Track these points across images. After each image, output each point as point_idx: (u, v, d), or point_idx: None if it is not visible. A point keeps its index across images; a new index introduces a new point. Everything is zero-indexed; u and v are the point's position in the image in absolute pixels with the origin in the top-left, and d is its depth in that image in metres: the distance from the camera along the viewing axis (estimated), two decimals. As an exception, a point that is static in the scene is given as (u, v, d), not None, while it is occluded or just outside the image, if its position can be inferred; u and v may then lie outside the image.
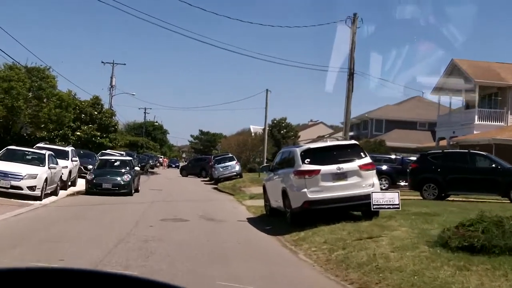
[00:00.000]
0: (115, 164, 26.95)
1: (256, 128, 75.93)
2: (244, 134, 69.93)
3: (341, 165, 14.03)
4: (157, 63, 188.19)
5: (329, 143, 14.92)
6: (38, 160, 21.12)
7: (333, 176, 14.00)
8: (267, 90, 54.92)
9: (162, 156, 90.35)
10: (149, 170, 63.42)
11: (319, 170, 13.91)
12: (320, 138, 77.82)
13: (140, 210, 19.18)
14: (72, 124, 45.07)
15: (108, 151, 44.53)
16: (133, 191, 25.16)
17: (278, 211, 16.50)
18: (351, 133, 72.77)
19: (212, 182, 41.65)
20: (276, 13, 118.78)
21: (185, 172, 54.20)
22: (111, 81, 63.25)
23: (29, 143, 31.87)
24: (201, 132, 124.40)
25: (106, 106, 57.44)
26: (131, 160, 27.58)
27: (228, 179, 38.64)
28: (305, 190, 13.86)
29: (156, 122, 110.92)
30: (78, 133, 44.99)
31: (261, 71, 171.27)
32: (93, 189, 24.59)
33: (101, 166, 26.62)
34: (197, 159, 58.76)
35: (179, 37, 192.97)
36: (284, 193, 14.83)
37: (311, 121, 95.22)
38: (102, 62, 63.65)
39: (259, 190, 32.58)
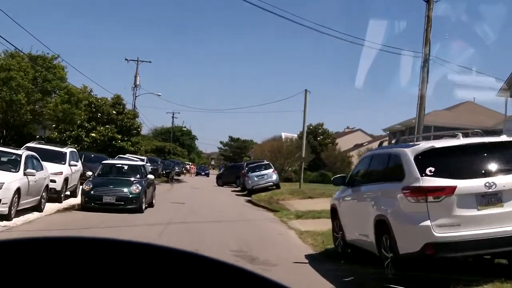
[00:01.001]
0: (123, 170, 20.83)
1: (287, 135, 69.59)
2: (276, 140, 63.62)
3: (492, 179, 7.72)
4: (185, 62, 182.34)
5: (468, 139, 8.36)
6: (11, 164, 15.17)
7: (479, 199, 7.70)
8: (306, 90, 48.49)
9: (189, 163, 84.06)
10: (175, 177, 57.57)
11: (454, 188, 7.61)
12: (397, 140, 71.07)
13: (148, 237, 12.99)
14: (86, 124, 39.40)
15: (127, 155, 38.70)
16: (144, 205, 19.07)
17: (357, 248, 10.28)
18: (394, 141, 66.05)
19: (245, 193, 35.54)
20: (310, 13, 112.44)
21: (221, 181, 48.37)
22: (135, 80, 57.64)
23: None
24: (231, 138, 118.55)
25: (129, 107, 51.82)
26: (143, 165, 21.32)
27: (264, 190, 32.50)
28: (428, 223, 7.57)
29: (185, 127, 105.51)
30: (93, 135, 39.16)
31: (295, 74, 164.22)
32: (90, 203, 18.56)
33: (104, 173, 20.55)
34: (232, 166, 52.49)
35: (209, 37, 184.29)
36: (381, 225, 8.54)
37: (347, 128, 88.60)
38: (126, 59, 58.02)
39: (304, 205, 26.48)
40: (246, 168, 36.15)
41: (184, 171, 69.14)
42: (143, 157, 40.65)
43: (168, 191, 31.93)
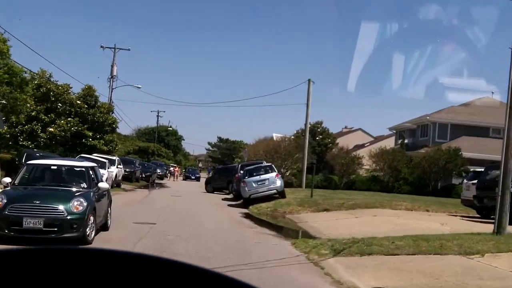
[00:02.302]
0: (61, 176, 13.26)
1: (279, 136, 62.07)
2: (272, 140, 56.14)
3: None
4: (170, 52, 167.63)
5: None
6: None
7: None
8: (309, 80, 41.37)
9: (174, 165, 76.05)
10: (156, 182, 49.98)
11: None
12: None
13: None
14: (43, 117, 31.88)
15: (95, 155, 31.23)
16: (89, 233, 11.64)
17: None
18: (403, 141, 59.09)
19: (240, 202, 28.20)
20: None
21: (211, 186, 40.20)
22: (112, 70, 49.94)
23: None
24: (220, 139, 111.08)
25: (105, 101, 44.27)
26: (92, 167, 13.60)
27: (264, 199, 25.14)
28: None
29: (170, 126, 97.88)
30: (51, 129, 31.61)
31: (289, 68, 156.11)
32: (3, 229, 11.17)
33: (29, 179, 12.99)
34: (224, 168, 44.27)
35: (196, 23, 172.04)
36: None
37: (345, 127, 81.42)
38: (101, 46, 50.33)
39: (326, 223, 18.93)
40: (242, 172, 28.83)
41: (168, 174, 61.26)
42: (113, 157, 33.15)
43: (141, 201, 24.48)
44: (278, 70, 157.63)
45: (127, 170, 41.04)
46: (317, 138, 62.17)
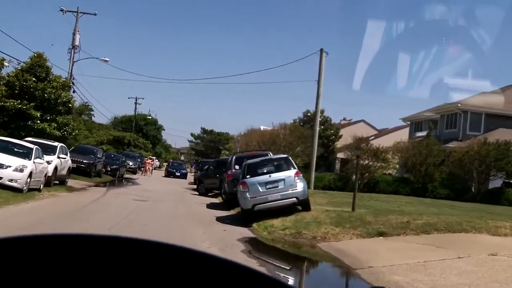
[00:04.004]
0: None
1: (267, 129, 52.10)
2: (263, 130, 46.17)
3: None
4: (144, 19, 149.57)
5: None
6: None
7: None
8: (321, 50, 31.71)
9: (152, 157, 65.35)
10: (125, 177, 40.11)
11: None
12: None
13: None
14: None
15: (27, 140, 21.48)
16: None
17: None
18: (420, 133, 49.59)
19: (233, 211, 18.58)
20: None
21: (204, 187, 29.07)
22: (74, 39, 39.89)
23: None
24: (204, 130, 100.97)
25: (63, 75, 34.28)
26: None
27: (276, 212, 15.38)
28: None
29: (150, 115, 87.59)
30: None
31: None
32: None
33: None
34: (217, 162, 31.26)
35: None
36: None
37: (344, 119, 71.93)
38: (62, 9, 40.13)
39: (424, 277, 9.12)
40: (237, 167, 19.17)
41: (142, 168, 50.65)
42: (53, 144, 23.27)
43: (72, 214, 14.46)
44: (277, 60, 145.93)
45: (83, 161, 31.17)
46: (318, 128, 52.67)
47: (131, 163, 46.52)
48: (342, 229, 13.68)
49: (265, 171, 15.80)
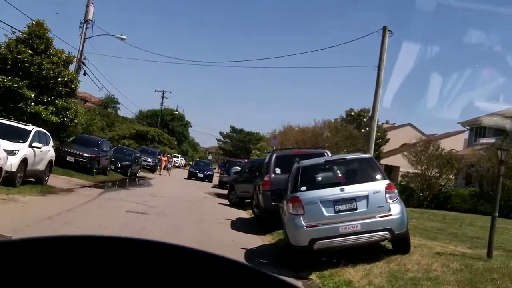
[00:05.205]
0: None
1: (308, 127, 45.47)
2: (303, 128, 39.39)
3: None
4: None
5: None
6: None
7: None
8: (384, 28, 24.86)
9: (169, 154, 58.01)
10: (138, 175, 33.88)
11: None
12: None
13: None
14: None
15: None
16: None
17: None
18: (485, 140, 42.33)
19: (271, 240, 11.98)
20: None
21: (235, 195, 22.02)
22: (86, 14, 33.88)
23: None
24: (233, 129, 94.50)
25: (70, 51, 28.05)
26: None
27: (350, 252, 8.75)
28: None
29: (177, 110, 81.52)
30: None
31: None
32: None
33: None
34: (254, 163, 23.54)
35: None
36: None
37: (387, 122, 64.81)
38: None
39: None
40: (277, 171, 12.67)
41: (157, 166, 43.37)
42: (27, 127, 16.86)
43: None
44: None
45: (84, 155, 25.00)
46: (362, 130, 45.80)
47: (149, 160, 40.16)
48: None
49: (333, 181, 9.08)
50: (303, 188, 8.94)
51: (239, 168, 25.42)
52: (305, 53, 58.15)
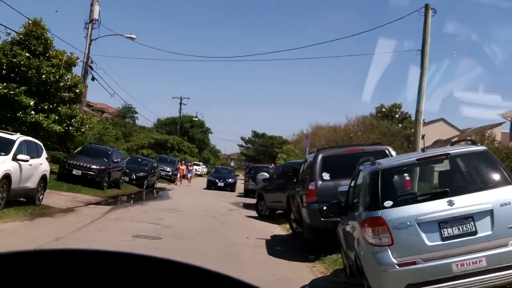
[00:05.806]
0: None
1: (339, 125, 42.02)
2: (334, 127, 35.98)
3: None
4: None
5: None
6: None
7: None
8: (426, 6, 21.49)
9: (189, 162, 53.86)
10: (155, 186, 30.84)
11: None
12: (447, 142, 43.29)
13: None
14: None
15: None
16: None
17: None
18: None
19: (324, 270, 8.71)
20: None
21: (264, 206, 18.88)
22: (91, 13, 31.18)
23: None
24: (255, 134, 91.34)
25: (72, 52, 25.08)
26: None
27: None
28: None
29: (196, 116, 78.64)
30: None
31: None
32: None
33: None
34: (285, 165, 21.14)
35: None
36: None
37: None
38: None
39: None
40: (325, 176, 9.50)
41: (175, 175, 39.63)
42: (11, 136, 13.75)
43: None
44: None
45: (92, 167, 22.03)
46: (394, 126, 42.29)
47: (168, 169, 37.11)
48: None
49: (434, 190, 5.86)
50: (388, 203, 5.66)
51: (267, 175, 22.21)
52: (335, 40, 54.66)
